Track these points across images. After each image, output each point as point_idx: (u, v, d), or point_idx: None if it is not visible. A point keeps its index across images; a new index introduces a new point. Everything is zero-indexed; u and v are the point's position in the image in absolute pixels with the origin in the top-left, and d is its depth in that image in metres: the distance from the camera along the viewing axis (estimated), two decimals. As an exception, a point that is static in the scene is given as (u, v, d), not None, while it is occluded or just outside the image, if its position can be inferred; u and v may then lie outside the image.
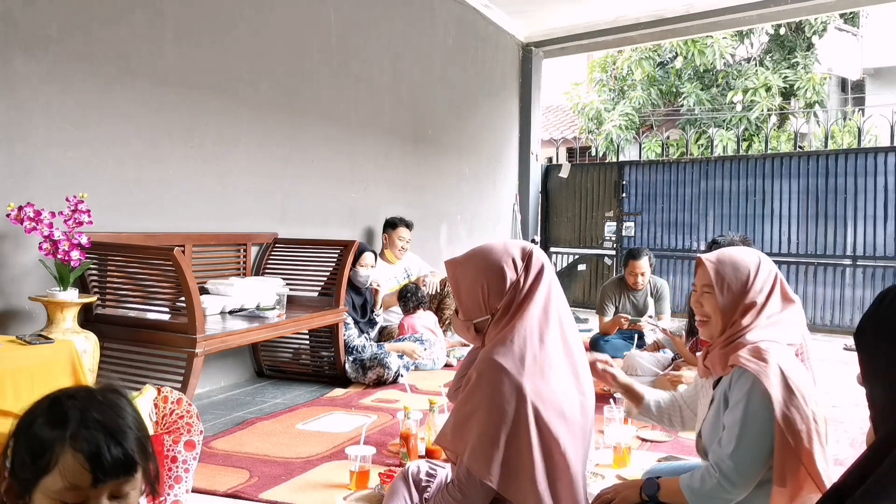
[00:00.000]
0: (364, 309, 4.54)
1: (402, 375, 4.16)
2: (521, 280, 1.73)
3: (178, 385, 2.99)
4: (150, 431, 2.14)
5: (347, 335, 4.21)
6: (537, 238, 8.30)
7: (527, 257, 1.76)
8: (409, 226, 5.23)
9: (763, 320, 1.75)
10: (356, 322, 4.39)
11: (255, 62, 4.29)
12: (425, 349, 4.56)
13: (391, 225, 5.21)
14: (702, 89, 12.39)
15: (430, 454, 2.74)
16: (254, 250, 4.33)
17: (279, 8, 4.46)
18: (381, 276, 4.89)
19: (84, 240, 2.77)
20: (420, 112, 6.19)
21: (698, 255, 1.89)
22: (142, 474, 1.06)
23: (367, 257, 4.44)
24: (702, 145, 11.54)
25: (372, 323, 4.60)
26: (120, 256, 3.26)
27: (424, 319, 4.88)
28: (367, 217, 5.45)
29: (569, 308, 1.82)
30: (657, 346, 4.62)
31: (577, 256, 8.56)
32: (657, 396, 2.08)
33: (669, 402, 2.07)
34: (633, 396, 2.06)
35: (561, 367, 1.70)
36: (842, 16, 11.80)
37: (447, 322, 5.26)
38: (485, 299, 1.75)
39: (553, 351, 1.70)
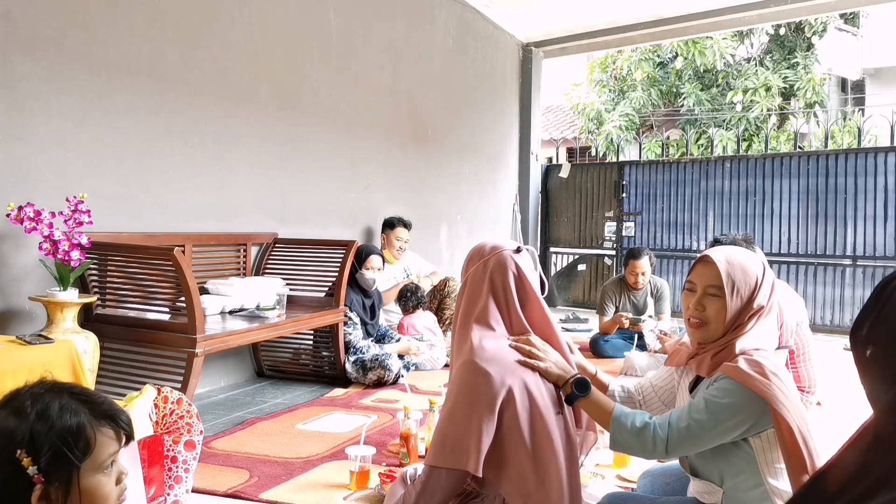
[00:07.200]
0: (373, 310, 4.54)
1: (402, 377, 4.16)
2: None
3: (179, 385, 2.99)
4: (150, 431, 2.14)
5: (353, 335, 4.21)
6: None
7: (491, 252, 1.82)
8: (407, 226, 5.22)
9: (759, 325, 1.73)
10: (364, 323, 4.39)
11: (255, 62, 4.29)
12: (425, 348, 4.56)
13: (389, 225, 5.21)
14: (702, 89, 12.38)
15: (430, 454, 2.74)
16: (254, 250, 4.33)
17: (279, 8, 4.46)
18: (380, 276, 4.89)
19: (84, 240, 2.77)
20: (420, 112, 6.19)
21: (703, 251, 1.80)
22: None
23: (374, 260, 4.44)
24: (702, 145, 11.53)
25: (378, 328, 4.59)
26: (120, 256, 3.26)
27: (424, 319, 4.88)
28: (367, 217, 5.45)
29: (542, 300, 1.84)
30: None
31: (577, 256, 8.56)
32: (623, 382, 2.04)
33: (636, 387, 2.03)
34: (598, 384, 2.00)
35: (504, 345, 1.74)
36: (842, 16, 11.80)
37: (447, 322, 5.26)
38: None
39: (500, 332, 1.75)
